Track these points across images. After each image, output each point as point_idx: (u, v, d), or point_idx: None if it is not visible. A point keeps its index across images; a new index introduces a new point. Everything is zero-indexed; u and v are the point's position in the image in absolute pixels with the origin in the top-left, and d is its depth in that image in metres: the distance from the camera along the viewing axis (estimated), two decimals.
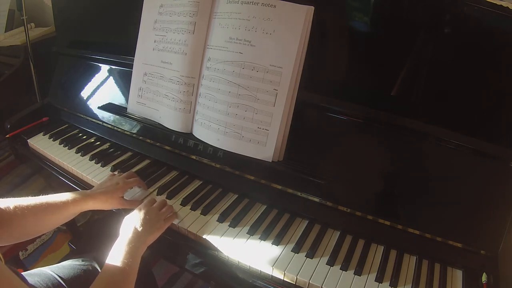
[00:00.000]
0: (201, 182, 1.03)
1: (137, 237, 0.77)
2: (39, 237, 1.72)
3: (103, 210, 0.90)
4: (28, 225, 0.77)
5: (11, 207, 0.74)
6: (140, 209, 0.84)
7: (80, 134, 1.27)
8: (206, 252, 0.84)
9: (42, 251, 1.67)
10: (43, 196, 0.81)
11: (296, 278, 0.75)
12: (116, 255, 0.73)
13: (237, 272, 0.80)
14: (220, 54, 0.93)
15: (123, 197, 0.93)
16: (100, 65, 1.26)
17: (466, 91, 0.82)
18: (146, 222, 0.81)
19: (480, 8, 0.75)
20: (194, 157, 1.02)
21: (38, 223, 0.79)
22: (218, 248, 0.83)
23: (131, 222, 0.81)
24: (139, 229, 0.79)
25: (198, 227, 0.87)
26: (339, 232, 0.87)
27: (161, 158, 1.10)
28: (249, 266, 0.79)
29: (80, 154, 1.15)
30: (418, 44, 0.83)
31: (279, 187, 0.92)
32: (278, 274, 0.77)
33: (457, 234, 0.78)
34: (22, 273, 0.78)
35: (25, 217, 0.75)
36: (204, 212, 0.91)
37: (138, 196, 0.98)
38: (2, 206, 0.74)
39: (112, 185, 0.92)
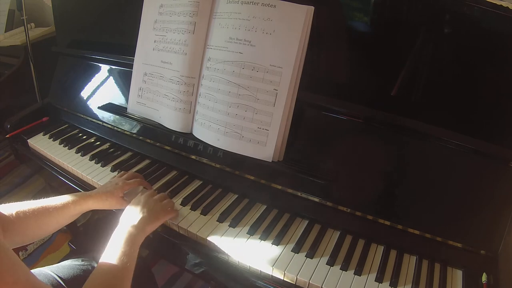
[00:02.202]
0: (201, 182, 1.03)
1: (136, 224, 0.78)
2: None
3: (103, 210, 0.90)
4: (30, 229, 0.77)
5: (13, 213, 0.75)
6: (140, 199, 0.86)
7: (80, 134, 1.27)
8: (206, 252, 0.84)
9: (42, 251, 1.67)
10: (43, 199, 0.81)
11: (296, 278, 0.75)
12: (115, 243, 0.73)
13: (237, 272, 0.80)
14: (220, 54, 0.93)
15: (123, 197, 0.93)
16: (100, 65, 1.26)
17: (466, 91, 0.82)
18: (146, 210, 0.82)
19: (480, 8, 0.75)
20: (194, 157, 1.02)
21: (40, 226, 0.79)
22: (218, 248, 0.83)
23: (132, 210, 0.82)
24: (139, 216, 0.80)
25: (198, 227, 0.87)
26: (339, 232, 0.87)
27: (161, 158, 1.10)
28: (249, 266, 0.79)
29: (80, 154, 1.15)
30: (418, 44, 0.83)
31: (279, 187, 0.92)
32: (278, 274, 0.77)
33: (457, 234, 0.78)
34: None
35: (27, 220, 0.76)
36: (204, 212, 0.91)
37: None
38: (5, 212, 0.74)
39: (112, 185, 0.93)
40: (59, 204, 0.82)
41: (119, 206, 0.92)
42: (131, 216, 0.80)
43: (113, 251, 0.72)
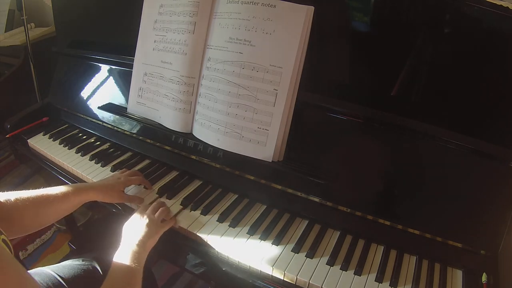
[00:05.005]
0: (201, 182, 1.03)
1: (137, 243, 0.77)
2: (39, 237, 1.72)
3: (103, 209, 0.91)
4: (29, 217, 0.76)
5: (12, 199, 0.74)
6: (135, 216, 0.85)
7: (80, 134, 1.27)
8: (206, 252, 0.84)
9: (42, 251, 1.67)
10: (44, 188, 0.81)
11: (296, 278, 0.75)
12: (119, 263, 0.72)
13: (237, 272, 0.80)
14: (220, 54, 0.93)
15: (123, 191, 0.93)
16: (100, 65, 1.26)
17: (467, 91, 0.82)
18: (143, 228, 0.81)
19: (480, 8, 0.75)
20: (194, 157, 1.02)
21: (39, 215, 0.78)
22: (218, 248, 0.83)
23: (130, 230, 0.81)
24: (138, 235, 0.79)
25: (198, 227, 0.87)
26: (339, 232, 0.87)
27: (161, 158, 1.10)
28: (249, 266, 0.79)
29: (80, 154, 1.15)
30: (418, 44, 0.83)
31: (279, 187, 0.92)
32: (278, 274, 0.77)
33: (457, 234, 0.78)
34: None
35: (26, 208, 0.75)
36: (204, 212, 0.91)
37: (140, 194, 0.98)
38: (3, 199, 0.73)
39: (114, 179, 0.94)
40: (60, 193, 0.81)
41: (119, 200, 0.92)
42: (131, 236, 0.80)
43: (118, 269, 0.71)
